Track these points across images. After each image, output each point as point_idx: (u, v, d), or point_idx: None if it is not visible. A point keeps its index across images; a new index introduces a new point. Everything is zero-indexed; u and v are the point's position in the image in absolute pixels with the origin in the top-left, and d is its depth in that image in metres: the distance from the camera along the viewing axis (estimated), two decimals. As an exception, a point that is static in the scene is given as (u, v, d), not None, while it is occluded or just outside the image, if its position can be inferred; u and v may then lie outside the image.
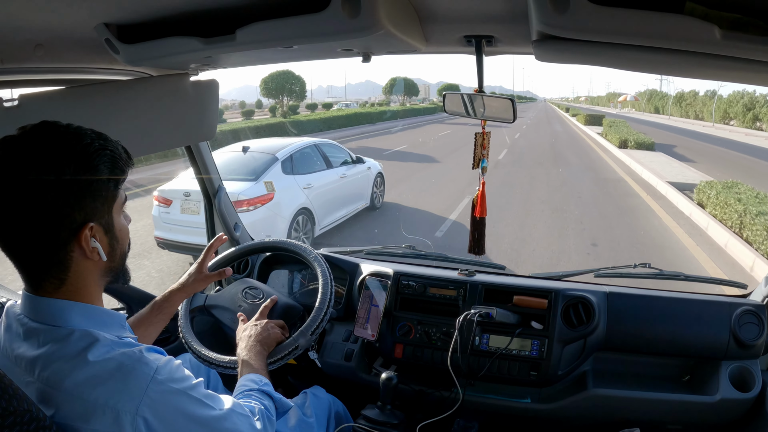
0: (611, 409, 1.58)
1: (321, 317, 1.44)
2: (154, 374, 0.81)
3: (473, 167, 1.45)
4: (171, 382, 0.83)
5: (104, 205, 0.84)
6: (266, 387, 1.15)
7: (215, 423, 0.89)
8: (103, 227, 0.84)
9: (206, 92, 1.55)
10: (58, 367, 0.80)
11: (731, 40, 0.72)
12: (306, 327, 1.42)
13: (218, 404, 0.92)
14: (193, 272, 1.37)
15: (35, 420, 0.74)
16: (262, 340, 1.34)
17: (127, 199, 0.91)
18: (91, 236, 0.82)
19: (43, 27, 1.02)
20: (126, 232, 0.91)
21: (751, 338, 1.52)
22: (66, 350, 0.80)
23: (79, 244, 0.81)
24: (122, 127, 1.33)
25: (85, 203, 0.80)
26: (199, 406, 0.87)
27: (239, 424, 0.93)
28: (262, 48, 1.07)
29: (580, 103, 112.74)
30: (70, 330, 0.82)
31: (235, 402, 0.97)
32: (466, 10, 1.00)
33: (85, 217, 0.81)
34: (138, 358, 0.82)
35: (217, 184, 2.07)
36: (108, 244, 0.86)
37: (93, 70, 1.34)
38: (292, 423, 1.38)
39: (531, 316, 1.64)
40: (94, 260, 0.84)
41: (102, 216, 0.84)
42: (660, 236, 6.76)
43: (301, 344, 1.40)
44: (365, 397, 1.61)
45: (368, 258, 1.99)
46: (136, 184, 8.65)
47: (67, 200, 0.78)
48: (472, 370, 1.61)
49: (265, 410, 1.06)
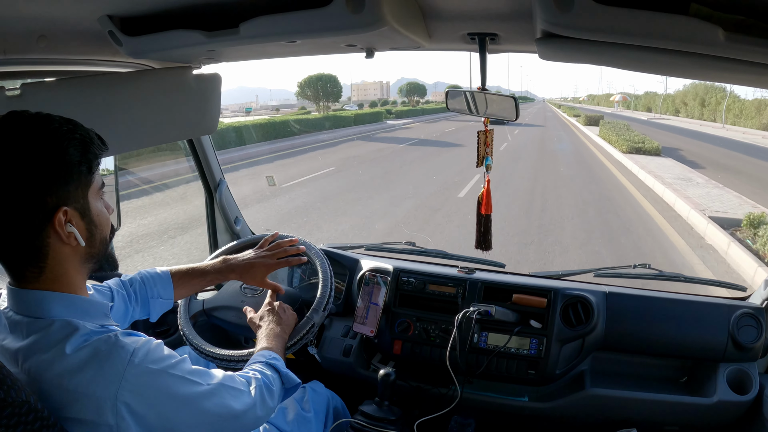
0: (608, 409, 1.58)
1: (328, 293, 1.44)
2: (131, 357, 0.81)
3: (477, 165, 1.45)
4: (149, 363, 0.82)
5: (78, 189, 0.83)
6: (273, 360, 1.14)
7: (201, 399, 0.88)
8: (78, 212, 0.83)
9: (209, 86, 1.55)
10: (39, 358, 0.80)
11: (735, 42, 0.72)
12: (317, 304, 1.42)
13: (206, 379, 0.91)
14: (220, 265, 1.37)
15: (33, 411, 0.74)
16: (282, 322, 1.32)
17: (104, 185, 0.90)
18: (66, 221, 0.81)
19: (46, 18, 1.02)
20: (105, 217, 0.90)
21: (749, 341, 1.52)
22: (46, 341, 0.80)
23: (54, 229, 0.80)
24: (124, 119, 1.33)
25: (57, 187, 0.80)
26: (183, 384, 0.86)
27: (228, 398, 0.92)
28: (266, 42, 1.07)
29: (580, 103, 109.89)
30: (51, 320, 0.82)
31: (227, 375, 0.96)
32: (471, 7, 1.00)
33: (58, 202, 0.80)
34: (114, 343, 0.81)
35: (218, 177, 2.07)
36: (86, 229, 0.85)
37: (96, 62, 1.34)
38: (290, 417, 1.38)
39: (530, 314, 1.64)
40: (71, 245, 0.83)
41: (77, 200, 0.83)
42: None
43: (317, 321, 1.40)
44: (363, 392, 1.61)
45: (368, 254, 1.99)
46: (145, 181, 8.68)
47: (37, 185, 0.78)
48: (470, 368, 1.61)
49: (264, 380, 1.05)
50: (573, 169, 12.81)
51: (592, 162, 14.31)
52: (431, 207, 7.83)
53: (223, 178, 2.09)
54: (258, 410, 0.99)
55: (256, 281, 1.41)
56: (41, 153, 0.78)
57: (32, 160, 0.77)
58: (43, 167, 0.78)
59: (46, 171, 0.78)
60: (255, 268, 1.38)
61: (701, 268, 5.29)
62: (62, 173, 0.80)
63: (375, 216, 7.42)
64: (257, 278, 1.40)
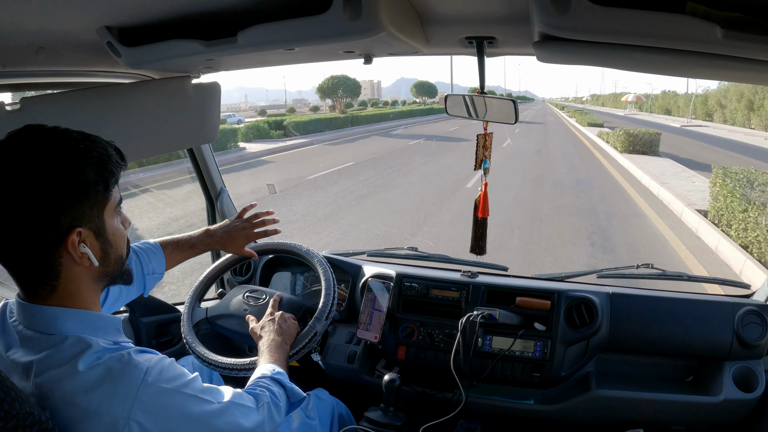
0: (615, 410, 1.57)
1: (330, 302, 1.43)
2: (144, 376, 0.80)
3: (475, 168, 1.45)
4: (162, 382, 0.82)
5: (93, 208, 0.81)
6: (279, 376, 1.13)
7: (212, 418, 0.88)
8: (93, 231, 0.82)
9: (208, 95, 1.55)
10: (51, 374, 0.79)
11: (732, 39, 0.72)
12: (320, 312, 1.41)
13: (217, 397, 0.91)
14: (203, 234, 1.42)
15: (38, 423, 0.73)
16: (283, 332, 1.32)
17: (122, 200, 0.88)
18: (80, 241, 0.79)
19: (44, 30, 1.02)
20: (121, 235, 0.89)
21: (754, 338, 1.52)
22: (58, 357, 0.79)
23: (67, 249, 0.79)
24: (124, 130, 1.34)
25: (71, 207, 0.78)
26: (195, 403, 0.86)
27: (238, 416, 0.92)
28: (264, 50, 1.07)
29: (583, 104, 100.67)
30: (63, 336, 0.80)
31: (236, 393, 0.96)
32: (468, 11, 1.00)
33: (72, 222, 0.78)
34: (127, 362, 0.80)
35: (219, 186, 2.07)
36: (100, 249, 0.83)
37: (95, 73, 1.34)
38: (296, 425, 1.37)
39: (534, 317, 1.64)
40: (84, 265, 0.82)
41: (92, 220, 0.81)
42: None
43: (319, 330, 1.39)
44: (368, 399, 1.61)
45: (370, 260, 1.99)
46: (133, 185, 8.74)
47: (51, 205, 0.76)
48: (474, 372, 1.60)
49: (271, 396, 1.04)
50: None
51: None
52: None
53: (224, 187, 2.09)
54: (266, 427, 0.99)
55: (237, 250, 1.48)
56: (57, 172, 0.76)
57: (47, 179, 0.75)
58: (57, 187, 0.76)
59: (61, 191, 0.76)
60: (236, 239, 1.45)
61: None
62: (77, 193, 0.78)
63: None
64: (238, 248, 1.47)
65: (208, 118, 1.59)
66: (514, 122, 1.32)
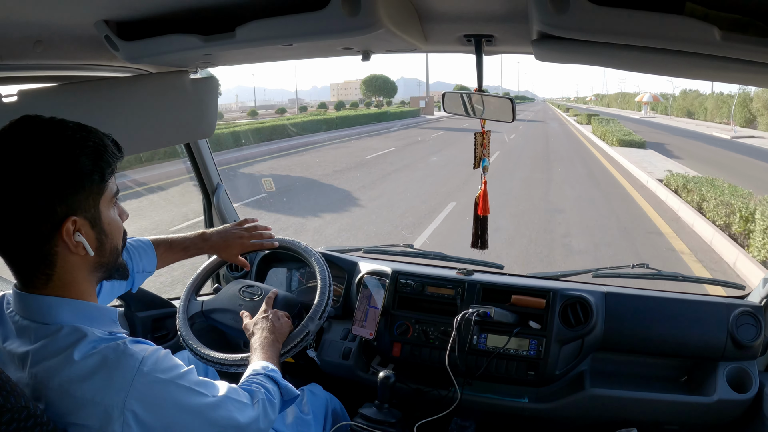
0: (608, 409, 1.58)
1: (325, 302, 1.43)
2: (140, 366, 0.80)
3: (474, 167, 1.45)
4: (158, 373, 0.82)
5: (89, 198, 0.82)
6: (272, 373, 1.14)
7: (207, 411, 0.88)
8: (88, 221, 0.82)
9: (205, 90, 1.55)
10: (47, 364, 0.79)
11: (731, 41, 0.72)
12: (313, 312, 1.41)
13: (212, 391, 0.91)
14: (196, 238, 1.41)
15: (32, 417, 0.73)
16: (276, 330, 1.32)
17: (119, 192, 0.89)
18: (75, 230, 0.80)
19: (42, 24, 1.02)
20: (117, 226, 0.89)
21: (748, 339, 1.52)
22: (54, 347, 0.80)
23: (62, 238, 0.79)
24: (121, 123, 1.33)
25: (67, 196, 0.79)
26: (190, 395, 0.86)
27: (233, 411, 0.92)
28: (262, 46, 1.07)
29: (587, 104, 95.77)
30: (59, 326, 0.81)
31: (231, 388, 0.96)
32: (466, 9, 1.00)
33: (68, 211, 0.79)
34: (123, 351, 0.80)
35: (216, 181, 2.06)
36: (95, 239, 0.84)
37: (92, 67, 1.34)
38: (290, 420, 1.38)
39: (529, 315, 1.64)
40: (80, 255, 0.82)
41: (87, 209, 0.82)
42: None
43: (312, 330, 1.39)
44: (363, 395, 1.61)
45: (366, 256, 1.99)
46: (138, 183, 8.67)
47: (47, 193, 0.77)
48: (469, 369, 1.61)
49: (266, 393, 1.05)
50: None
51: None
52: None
53: (221, 182, 2.08)
54: (261, 423, 0.99)
55: (230, 257, 1.46)
56: (52, 161, 0.77)
57: (43, 168, 0.76)
58: (53, 176, 0.77)
59: (57, 180, 0.77)
60: (231, 246, 1.44)
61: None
62: (73, 182, 0.79)
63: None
64: (232, 255, 1.45)
65: (205, 113, 1.59)
66: (511, 120, 1.32)
